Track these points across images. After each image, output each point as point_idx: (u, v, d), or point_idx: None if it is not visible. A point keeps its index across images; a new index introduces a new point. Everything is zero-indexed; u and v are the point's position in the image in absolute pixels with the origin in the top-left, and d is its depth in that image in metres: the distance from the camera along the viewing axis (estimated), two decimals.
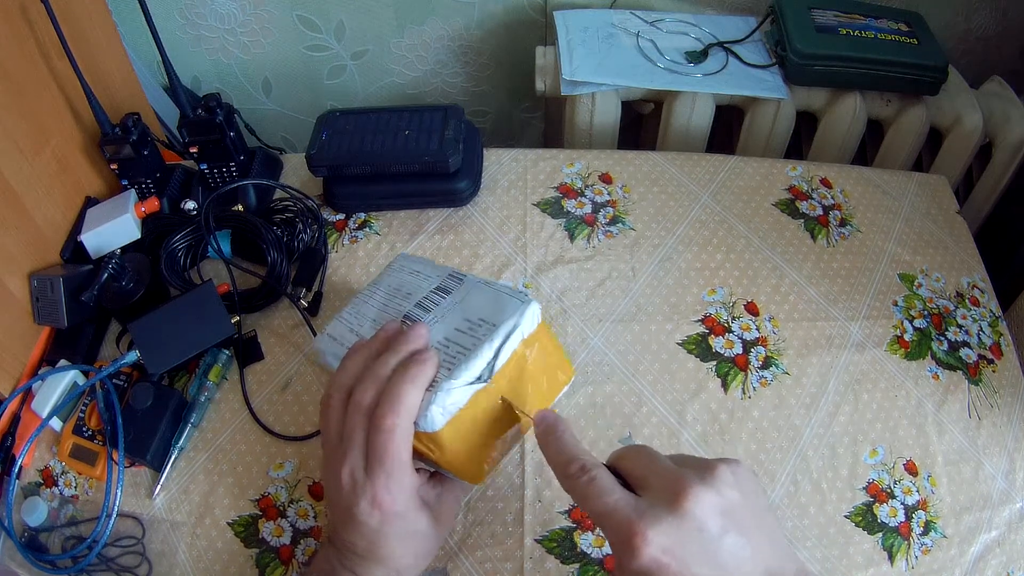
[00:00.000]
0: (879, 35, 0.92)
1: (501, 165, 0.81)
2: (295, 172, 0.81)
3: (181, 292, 0.67)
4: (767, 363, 0.66)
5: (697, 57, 0.95)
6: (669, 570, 0.35)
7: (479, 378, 0.45)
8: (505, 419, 0.47)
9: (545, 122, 1.33)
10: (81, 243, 0.69)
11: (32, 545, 0.58)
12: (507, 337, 0.46)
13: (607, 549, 0.56)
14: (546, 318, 0.68)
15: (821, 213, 0.78)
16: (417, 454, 0.45)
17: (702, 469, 0.39)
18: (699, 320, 0.69)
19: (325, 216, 0.76)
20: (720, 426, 0.63)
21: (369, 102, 1.26)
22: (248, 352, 0.67)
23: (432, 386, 0.44)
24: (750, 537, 0.38)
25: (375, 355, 0.46)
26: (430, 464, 0.47)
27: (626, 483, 0.40)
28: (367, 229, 0.76)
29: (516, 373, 0.47)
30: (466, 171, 0.74)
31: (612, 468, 0.41)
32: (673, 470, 0.39)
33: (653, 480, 0.39)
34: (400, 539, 0.45)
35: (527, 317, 0.47)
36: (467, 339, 0.47)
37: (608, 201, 0.77)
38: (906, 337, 0.69)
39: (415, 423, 0.43)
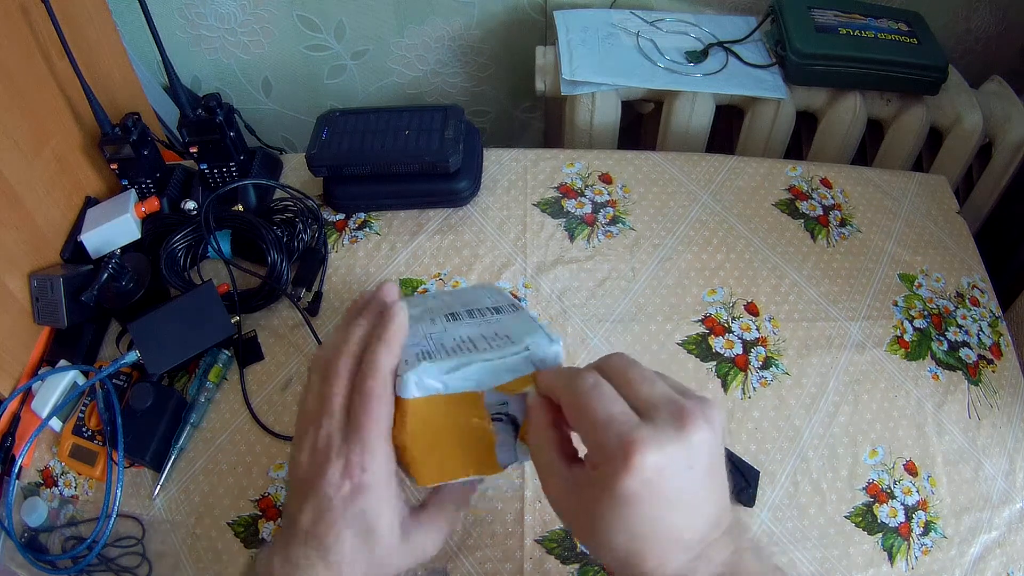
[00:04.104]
0: (879, 35, 0.92)
1: (501, 165, 0.81)
2: (295, 172, 0.81)
3: (181, 292, 0.67)
4: (767, 363, 0.66)
5: (697, 57, 0.95)
6: (653, 490, 0.34)
7: (469, 379, 0.43)
8: (476, 439, 0.45)
9: (545, 122, 1.33)
10: (81, 243, 0.69)
11: (32, 545, 0.58)
12: (513, 355, 0.44)
13: None
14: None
15: (821, 213, 0.78)
16: None
17: (702, 403, 0.37)
18: (699, 320, 0.69)
19: (325, 216, 0.76)
20: None
21: (369, 102, 1.26)
22: (248, 352, 0.67)
23: (420, 359, 0.43)
24: (717, 482, 0.37)
25: (353, 318, 0.44)
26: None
27: None
28: (367, 229, 0.76)
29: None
30: (466, 171, 0.74)
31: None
32: (679, 398, 0.37)
33: (659, 403, 0.36)
34: (356, 533, 0.40)
35: (544, 349, 0.44)
36: (483, 343, 0.45)
37: (608, 201, 0.77)
38: (906, 337, 0.69)
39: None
